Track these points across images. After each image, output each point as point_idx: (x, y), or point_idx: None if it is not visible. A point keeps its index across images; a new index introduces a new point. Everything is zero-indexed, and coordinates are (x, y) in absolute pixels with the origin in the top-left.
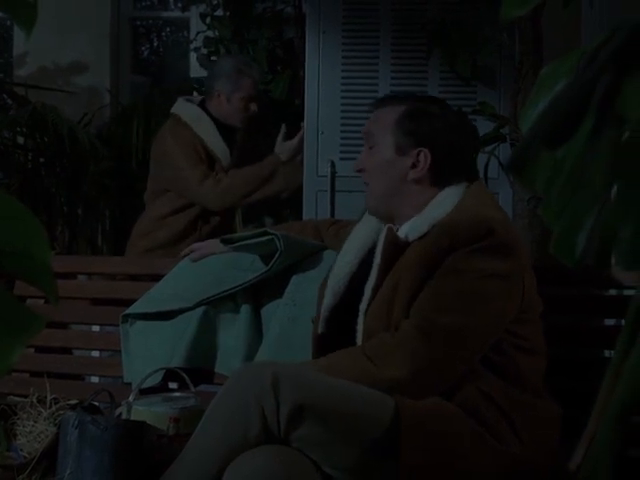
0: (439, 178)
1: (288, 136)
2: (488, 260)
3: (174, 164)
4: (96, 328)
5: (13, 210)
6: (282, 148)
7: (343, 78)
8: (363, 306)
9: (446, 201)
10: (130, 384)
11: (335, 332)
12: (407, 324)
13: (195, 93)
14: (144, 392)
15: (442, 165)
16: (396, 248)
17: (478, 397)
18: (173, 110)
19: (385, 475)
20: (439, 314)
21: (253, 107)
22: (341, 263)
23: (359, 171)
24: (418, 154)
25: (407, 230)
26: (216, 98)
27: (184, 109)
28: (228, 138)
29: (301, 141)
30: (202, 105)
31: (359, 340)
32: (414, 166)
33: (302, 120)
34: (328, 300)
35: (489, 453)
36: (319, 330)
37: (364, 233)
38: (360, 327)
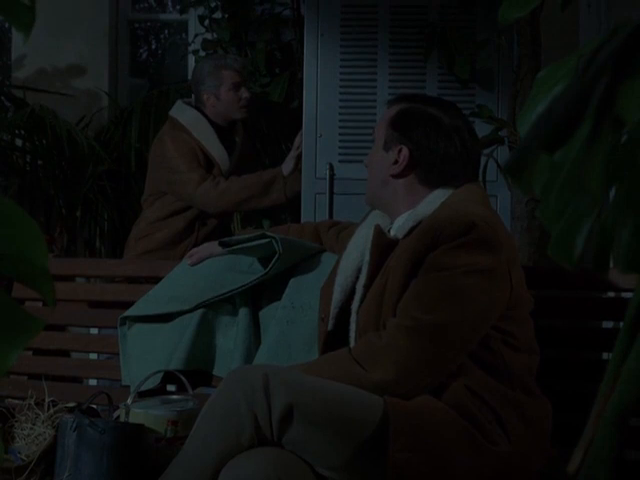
0: (429, 178)
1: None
2: (472, 255)
3: (172, 167)
4: (94, 331)
5: (11, 213)
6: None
7: (341, 81)
8: (355, 305)
9: (435, 200)
10: (128, 387)
11: (341, 329)
12: (393, 324)
13: (193, 96)
14: (142, 395)
15: (424, 165)
16: (384, 246)
17: (466, 395)
18: (171, 113)
19: (376, 475)
20: (424, 312)
21: (244, 93)
22: (347, 260)
23: (367, 166)
24: (399, 151)
25: (397, 228)
26: (206, 101)
27: (182, 112)
28: (227, 142)
29: (300, 153)
30: (200, 108)
31: (352, 339)
32: (396, 162)
33: (300, 123)
34: (337, 296)
35: (478, 452)
36: (329, 327)
37: (366, 234)
38: (353, 326)
